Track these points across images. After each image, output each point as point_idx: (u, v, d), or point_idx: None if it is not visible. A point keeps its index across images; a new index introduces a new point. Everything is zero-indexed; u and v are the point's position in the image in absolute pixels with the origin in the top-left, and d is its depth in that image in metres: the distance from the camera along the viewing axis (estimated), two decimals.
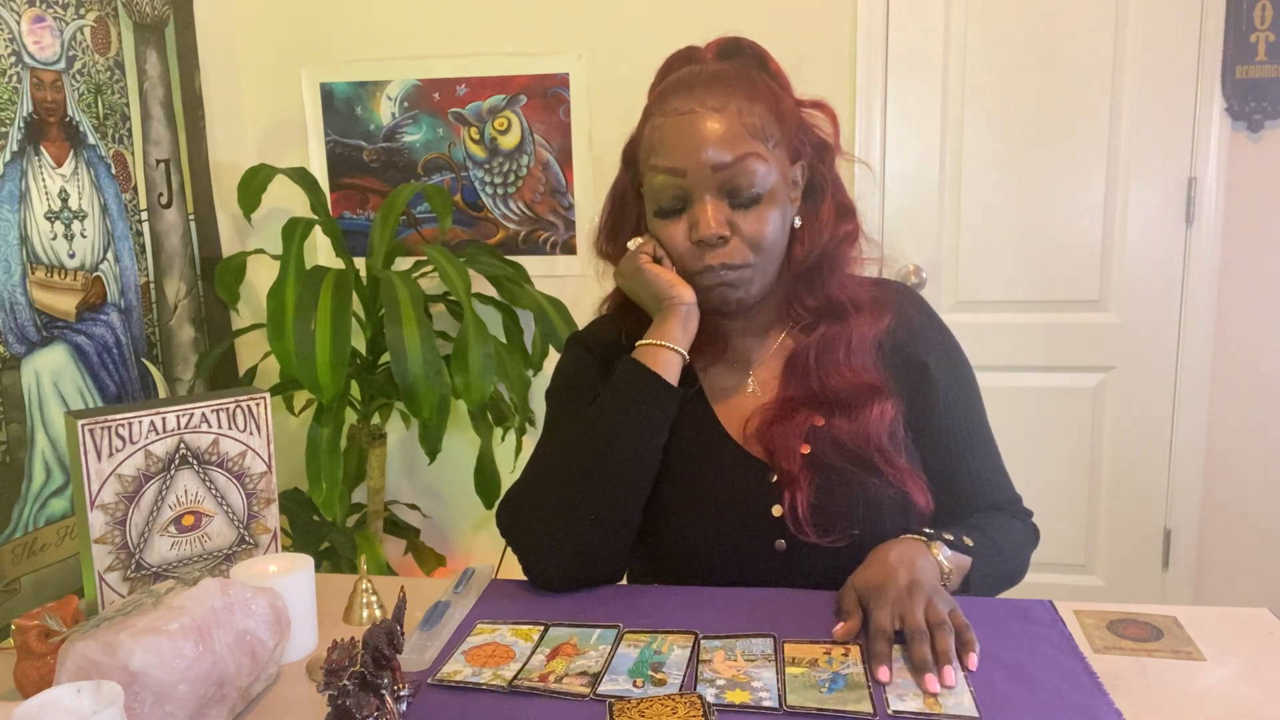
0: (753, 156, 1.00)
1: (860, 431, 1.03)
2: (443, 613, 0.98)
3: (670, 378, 1.03)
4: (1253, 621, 0.94)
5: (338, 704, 0.72)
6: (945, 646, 0.83)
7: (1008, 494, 1.14)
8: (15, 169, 1.74)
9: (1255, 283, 2.24)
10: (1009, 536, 1.08)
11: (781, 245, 1.05)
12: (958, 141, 2.29)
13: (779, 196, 1.02)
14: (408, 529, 2.43)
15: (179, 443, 1.01)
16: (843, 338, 1.06)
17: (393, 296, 1.86)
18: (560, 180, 2.40)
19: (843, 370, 1.05)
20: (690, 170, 1.00)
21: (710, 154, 0.99)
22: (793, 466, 1.03)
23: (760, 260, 1.03)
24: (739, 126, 1.00)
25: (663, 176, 1.02)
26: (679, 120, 1.02)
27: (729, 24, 2.29)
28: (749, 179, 1.00)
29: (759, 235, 1.01)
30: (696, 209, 1.01)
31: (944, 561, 0.96)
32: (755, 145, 1.00)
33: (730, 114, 1.00)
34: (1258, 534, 2.31)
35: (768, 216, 1.01)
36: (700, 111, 1.01)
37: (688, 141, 1.00)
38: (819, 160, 1.09)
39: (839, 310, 1.08)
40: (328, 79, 2.44)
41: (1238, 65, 2.14)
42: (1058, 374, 2.32)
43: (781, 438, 1.04)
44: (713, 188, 1.00)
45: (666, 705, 0.77)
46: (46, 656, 0.84)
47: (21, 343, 1.75)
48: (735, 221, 1.01)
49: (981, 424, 1.13)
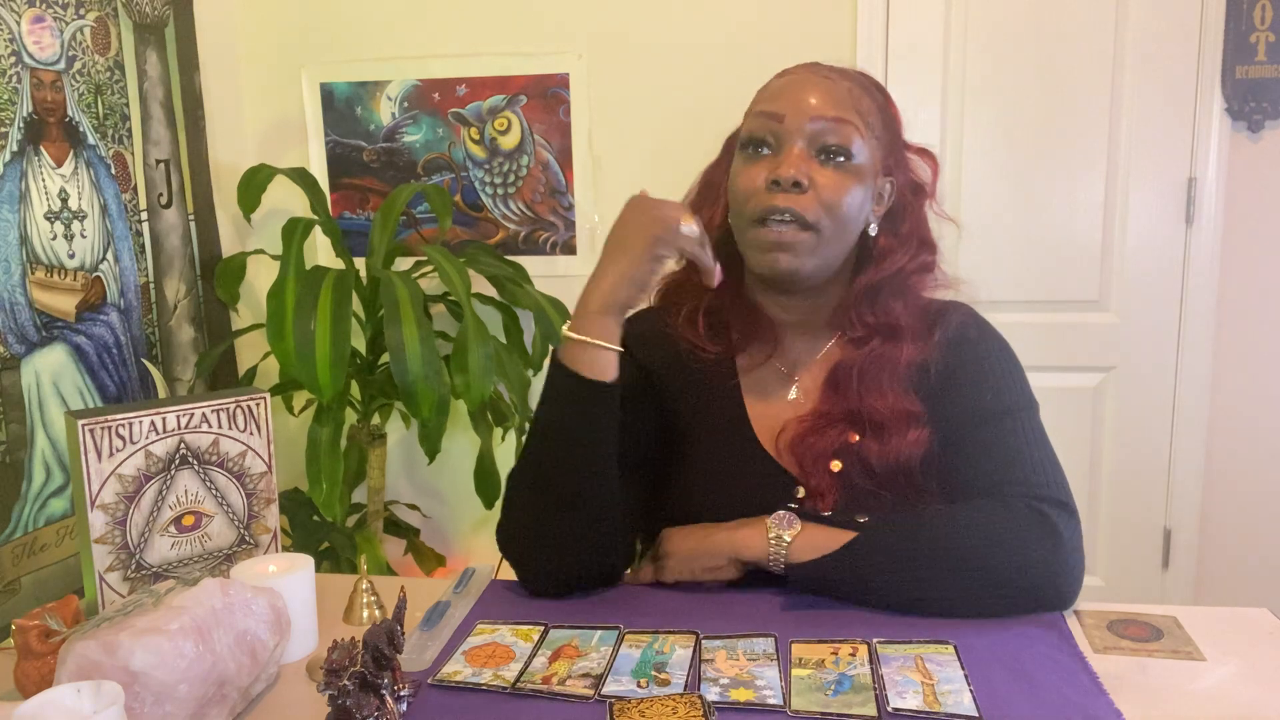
0: (851, 125, 1.01)
1: (891, 456, 1.01)
2: (443, 613, 0.98)
3: (601, 372, 0.97)
4: (1253, 621, 0.94)
5: (338, 704, 0.72)
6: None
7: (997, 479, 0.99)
8: (15, 169, 1.74)
9: (1255, 283, 2.24)
10: (962, 515, 0.95)
11: (852, 228, 1.03)
12: (958, 141, 2.29)
13: (865, 178, 1.02)
14: (408, 529, 2.43)
15: (179, 443, 1.01)
16: (890, 360, 1.04)
17: (393, 296, 1.86)
18: (560, 180, 2.40)
19: (885, 393, 1.03)
20: (789, 116, 1.01)
21: (813, 103, 1.00)
22: (821, 483, 1.02)
23: (827, 227, 1.00)
24: (847, 97, 1.02)
25: (760, 119, 1.03)
26: (791, 76, 1.05)
27: (729, 24, 2.30)
28: (842, 139, 1.00)
29: (836, 198, 1.00)
30: (783, 153, 1.01)
31: (773, 527, 0.98)
32: (856, 118, 1.01)
33: (842, 88, 1.03)
34: (1258, 534, 2.31)
35: (849, 186, 1.01)
36: (812, 77, 1.03)
37: (794, 91, 1.02)
38: (910, 193, 1.09)
39: (895, 332, 1.06)
40: (328, 79, 2.44)
41: (1238, 65, 2.14)
42: (1058, 374, 2.32)
43: (812, 450, 1.03)
44: (806, 136, 1.00)
45: (667, 705, 0.77)
46: (46, 656, 0.84)
47: (21, 343, 1.75)
48: (815, 177, 1.00)
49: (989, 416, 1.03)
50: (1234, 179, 2.19)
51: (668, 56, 2.29)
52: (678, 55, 2.29)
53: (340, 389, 1.82)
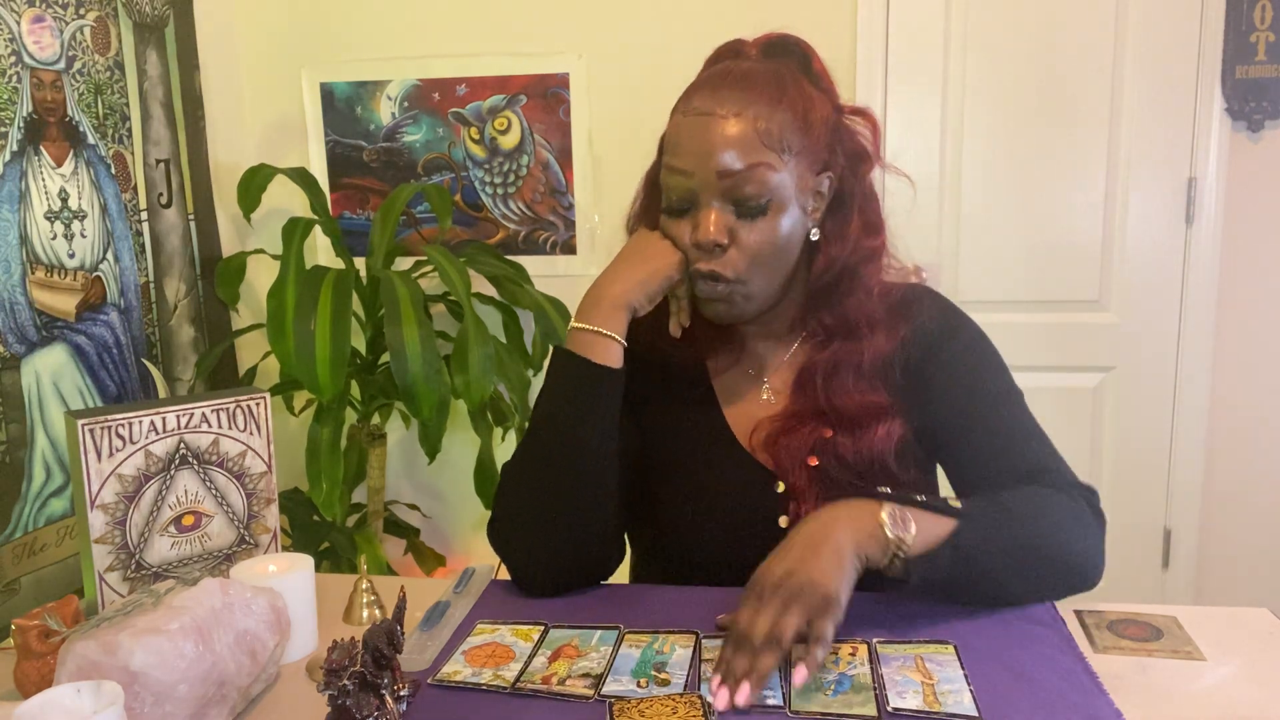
0: (763, 166, 0.97)
1: (864, 451, 1.02)
2: (443, 613, 0.98)
3: (609, 360, 1.00)
4: (1253, 621, 0.94)
5: (338, 704, 0.72)
6: (754, 667, 0.79)
7: (1030, 463, 1.02)
8: (15, 169, 1.74)
9: (1255, 283, 2.24)
10: (1029, 502, 0.96)
11: (787, 259, 1.03)
12: (958, 141, 2.29)
13: (789, 207, 1.00)
14: (408, 529, 2.43)
15: (179, 443, 1.01)
16: (853, 358, 1.05)
17: (393, 296, 1.86)
18: (560, 180, 2.40)
19: (850, 392, 1.04)
20: (698, 173, 0.99)
21: (719, 160, 0.97)
22: (800, 479, 1.03)
23: (758, 274, 1.01)
24: (753, 134, 0.98)
25: (673, 176, 1.01)
26: (695, 121, 1.00)
27: (729, 24, 2.29)
28: (756, 188, 0.98)
29: (760, 247, 0.99)
30: (700, 213, 1.00)
31: (891, 530, 0.88)
32: (768, 155, 0.98)
33: (746, 120, 0.98)
34: (1258, 534, 2.31)
35: (773, 228, 0.99)
36: (717, 115, 0.98)
37: (699, 144, 0.99)
38: (851, 171, 1.06)
39: (853, 330, 1.06)
40: (328, 79, 2.44)
41: (1238, 65, 2.14)
42: (1058, 374, 2.32)
43: (788, 449, 1.04)
44: (718, 194, 0.99)
45: (667, 705, 0.77)
46: (46, 656, 0.84)
47: (21, 343, 1.75)
48: (737, 231, 0.99)
49: (990, 400, 1.05)
50: (1234, 179, 2.19)
51: (668, 56, 2.29)
52: (678, 55, 2.28)
53: (340, 389, 1.82)
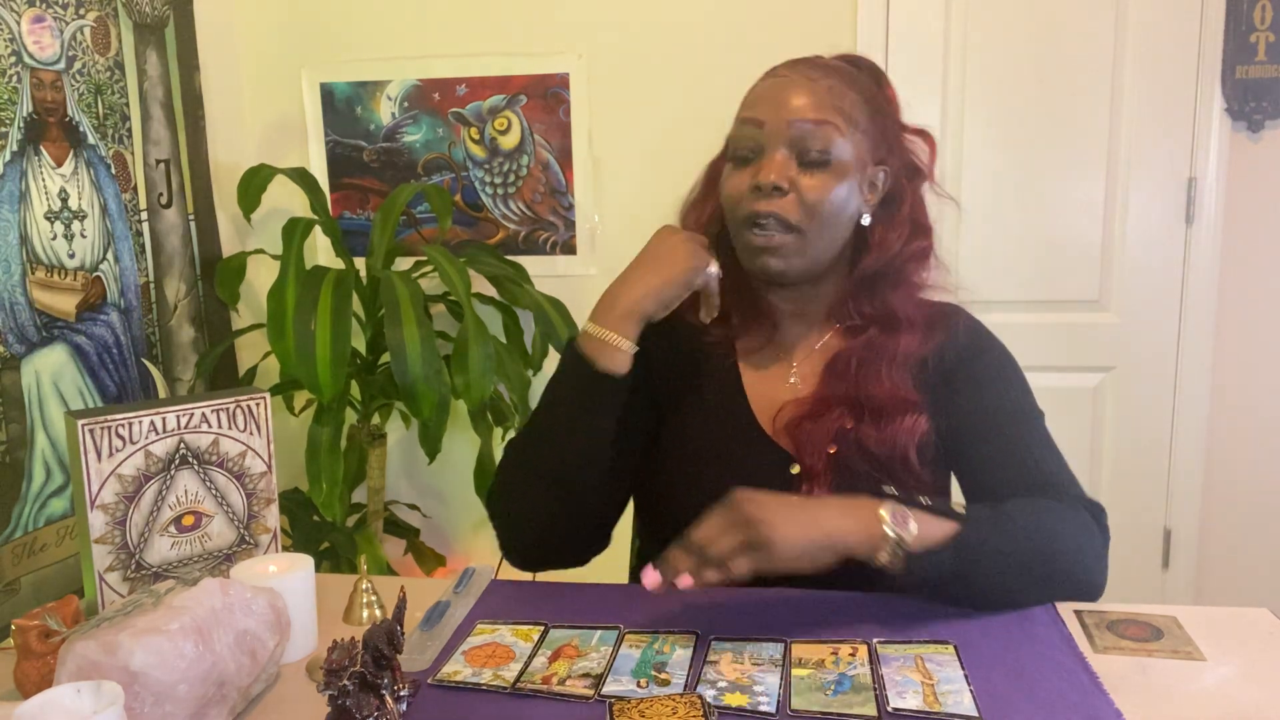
0: (831, 125, 1.02)
1: (888, 441, 1.03)
2: (443, 613, 0.98)
3: (614, 367, 1.02)
4: (1253, 621, 0.94)
5: (338, 704, 0.72)
6: (675, 561, 0.86)
7: (1042, 477, 1.03)
8: (15, 169, 1.74)
9: (1255, 283, 2.24)
10: (1032, 513, 0.96)
11: (839, 225, 1.05)
12: (958, 141, 2.29)
13: (849, 175, 1.03)
14: (408, 529, 2.43)
15: (179, 443, 1.01)
16: (888, 349, 1.06)
17: (393, 296, 1.86)
18: (560, 180, 2.40)
19: (882, 380, 1.05)
20: (769, 122, 1.03)
21: (791, 108, 1.02)
22: (817, 463, 1.03)
23: (811, 230, 1.02)
24: (827, 97, 1.03)
25: (744, 127, 1.05)
26: (772, 81, 1.06)
27: (729, 25, 2.30)
28: (822, 143, 1.02)
29: (818, 200, 1.02)
30: (765, 159, 1.03)
31: (891, 528, 0.88)
32: (837, 118, 1.02)
33: (822, 87, 1.03)
34: (1258, 534, 2.31)
35: (832, 186, 1.02)
36: (793, 77, 1.04)
37: (774, 97, 1.04)
38: (906, 178, 1.10)
39: (892, 322, 1.07)
40: (328, 79, 2.44)
41: (1238, 65, 2.14)
42: (1058, 374, 2.31)
43: (810, 434, 1.05)
44: (785, 142, 1.02)
45: (667, 705, 0.77)
46: (46, 656, 0.84)
47: (21, 343, 1.75)
48: (798, 180, 1.02)
49: (1010, 415, 1.06)
50: (1234, 179, 2.19)
51: (668, 56, 2.29)
52: (678, 55, 2.29)
53: (340, 389, 1.82)
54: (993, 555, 0.92)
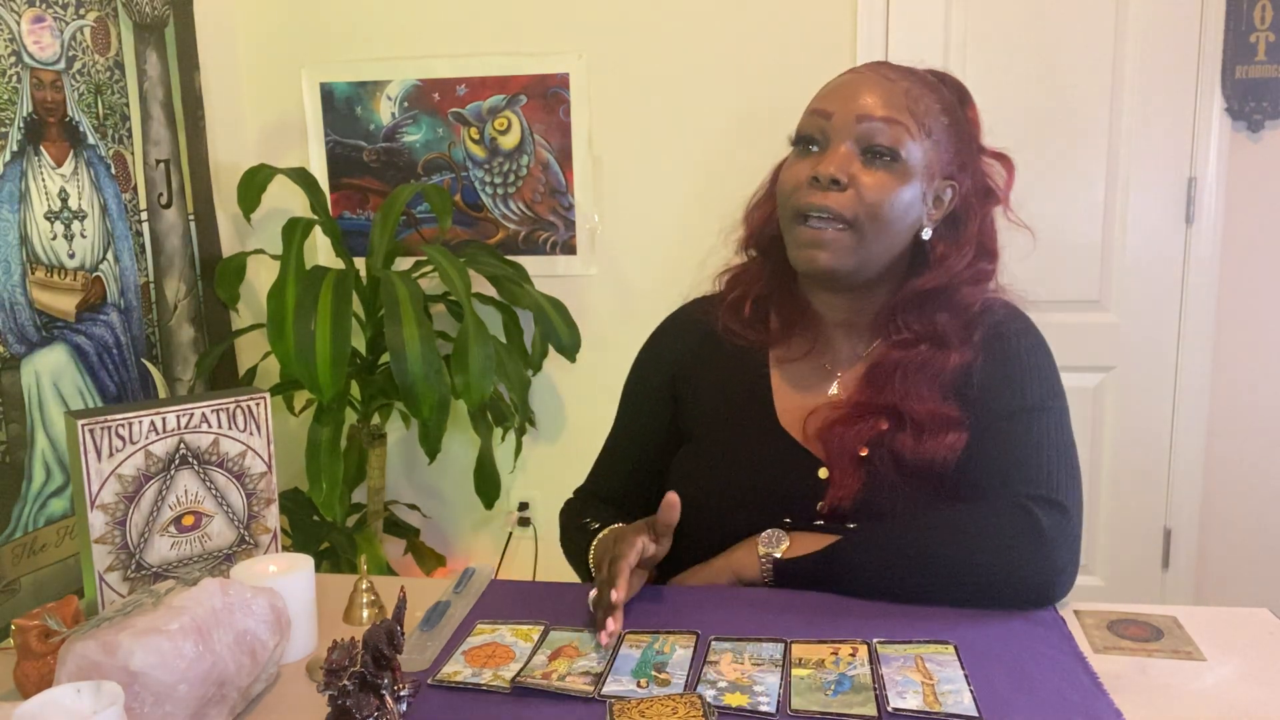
0: (901, 125, 0.99)
1: (926, 453, 1.00)
2: (443, 613, 0.98)
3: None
4: (1253, 621, 0.94)
5: (338, 704, 0.72)
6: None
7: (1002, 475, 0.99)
8: (15, 169, 1.74)
9: (1255, 283, 2.24)
10: (937, 525, 0.96)
11: (896, 230, 1.01)
12: None
13: (913, 180, 1.00)
14: (408, 529, 2.43)
15: (179, 443, 1.01)
16: (936, 365, 1.03)
17: (393, 296, 1.86)
18: (560, 180, 2.40)
19: (925, 398, 1.01)
20: (838, 114, 1.00)
21: (862, 103, 1.00)
22: (846, 467, 1.01)
23: (867, 227, 0.99)
24: (902, 98, 1.00)
25: (812, 117, 1.03)
26: (849, 76, 1.04)
27: (729, 25, 2.30)
28: (889, 140, 0.99)
29: (877, 199, 0.98)
30: (828, 151, 1.00)
31: (762, 548, 1.00)
32: (908, 119, 1.00)
33: (898, 89, 1.01)
34: (1258, 534, 2.31)
35: (894, 187, 0.99)
36: (870, 75, 1.02)
37: (847, 90, 1.01)
38: (976, 198, 1.07)
39: (943, 340, 1.04)
40: (328, 79, 2.44)
41: (1238, 65, 2.14)
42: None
43: (842, 438, 1.02)
44: (853, 136, 1.00)
45: (666, 705, 0.77)
46: (46, 656, 0.84)
47: (21, 343, 1.75)
48: (859, 176, 0.99)
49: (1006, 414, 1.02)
50: (1234, 179, 2.19)
51: (668, 56, 2.29)
52: (678, 55, 2.29)
53: (340, 389, 1.82)
54: (873, 561, 0.96)
